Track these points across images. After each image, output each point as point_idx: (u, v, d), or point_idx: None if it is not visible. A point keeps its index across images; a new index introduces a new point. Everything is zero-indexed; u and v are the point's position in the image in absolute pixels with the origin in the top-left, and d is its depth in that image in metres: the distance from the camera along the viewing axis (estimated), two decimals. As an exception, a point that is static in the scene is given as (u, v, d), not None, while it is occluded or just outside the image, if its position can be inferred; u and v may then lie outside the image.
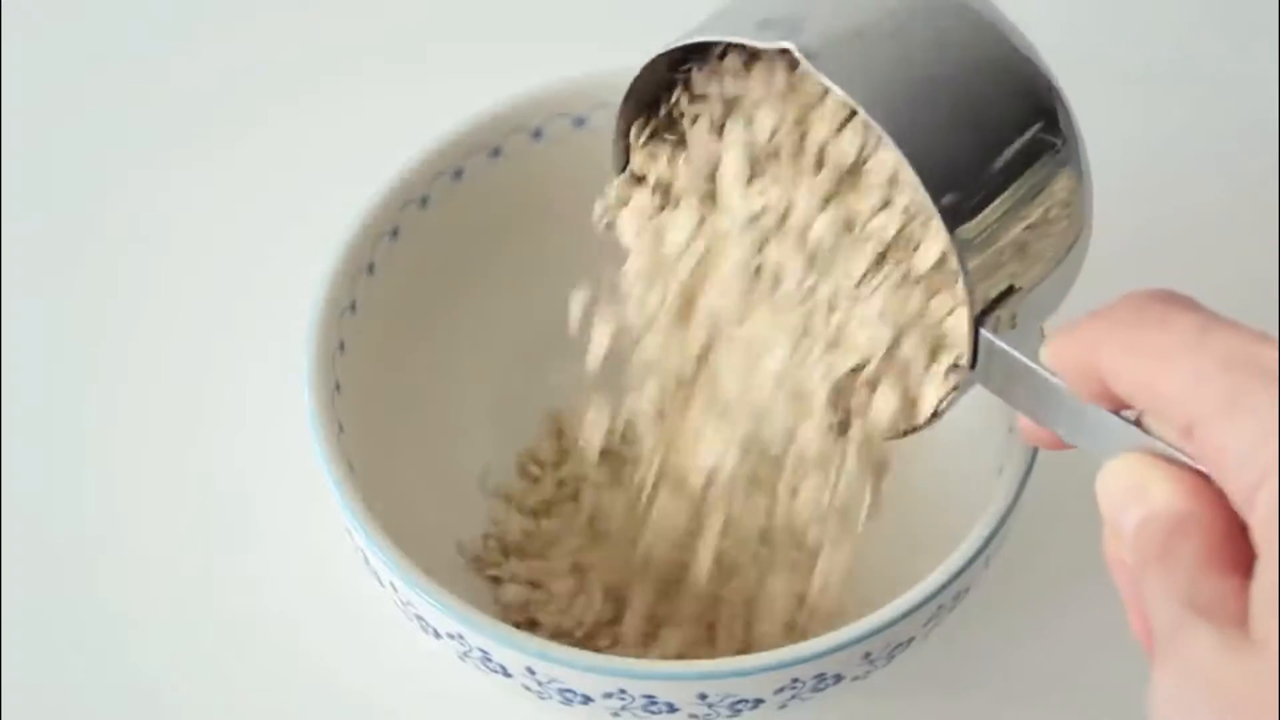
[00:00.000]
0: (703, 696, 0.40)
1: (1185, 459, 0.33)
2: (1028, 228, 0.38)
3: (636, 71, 0.41)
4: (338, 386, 0.44)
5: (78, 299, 0.57)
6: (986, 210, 0.37)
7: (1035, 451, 0.43)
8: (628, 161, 0.43)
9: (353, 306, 0.46)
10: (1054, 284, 0.39)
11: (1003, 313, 0.38)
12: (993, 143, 0.37)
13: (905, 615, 0.40)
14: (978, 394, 0.47)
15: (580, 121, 0.49)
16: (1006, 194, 0.37)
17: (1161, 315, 0.33)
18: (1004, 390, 0.38)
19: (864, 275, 0.40)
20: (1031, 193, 0.38)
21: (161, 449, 0.53)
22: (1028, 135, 0.38)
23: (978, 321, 0.38)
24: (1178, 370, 0.32)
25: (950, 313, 0.39)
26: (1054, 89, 0.38)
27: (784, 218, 0.40)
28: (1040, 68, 0.38)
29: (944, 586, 0.41)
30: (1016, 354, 0.37)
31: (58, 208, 0.58)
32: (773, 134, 0.40)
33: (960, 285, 0.37)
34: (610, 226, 0.43)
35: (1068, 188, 0.38)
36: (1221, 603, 0.30)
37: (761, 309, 0.41)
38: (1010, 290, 0.38)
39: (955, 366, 0.39)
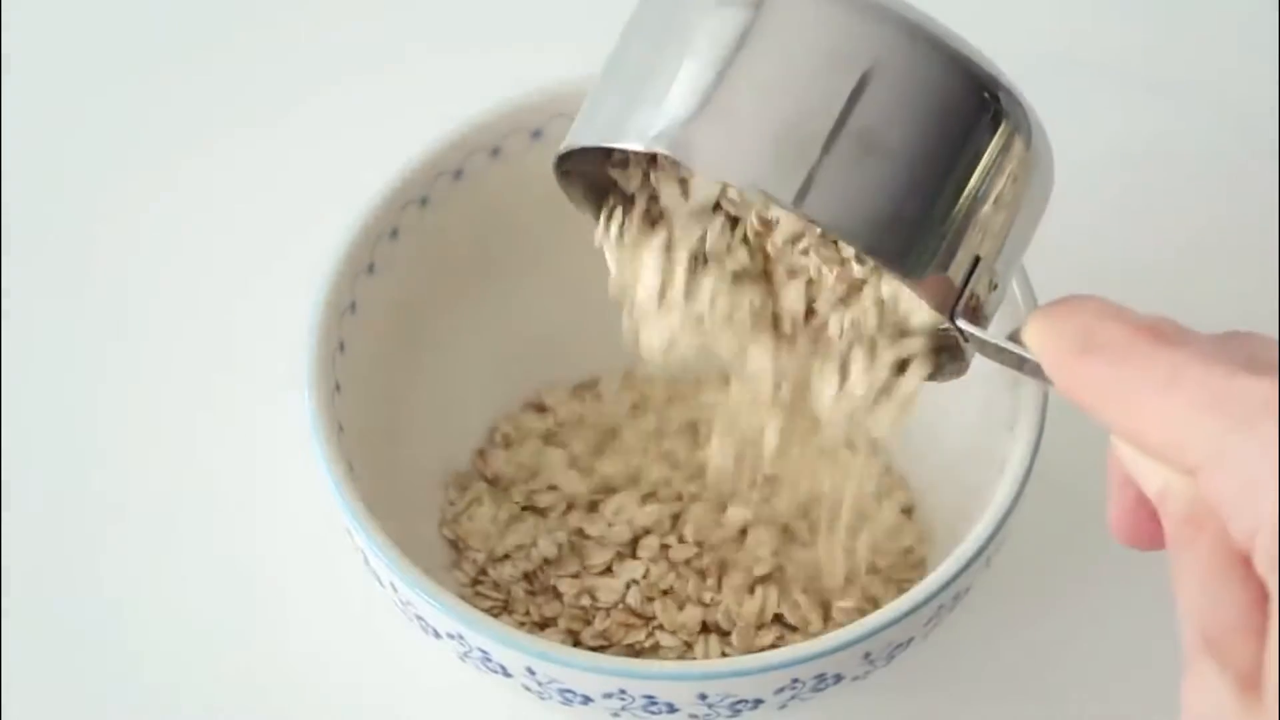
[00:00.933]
0: (703, 696, 0.40)
1: None
2: (984, 210, 0.36)
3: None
4: (338, 386, 0.44)
5: (77, 300, 0.57)
6: (938, 238, 0.36)
7: (1035, 452, 0.43)
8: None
9: (353, 306, 0.46)
10: (1022, 226, 0.38)
11: (978, 287, 0.37)
12: (931, 169, 0.36)
13: (905, 615, 0.40)
14: (978, 395, 0.47)
15: (580, 121, 0.49)
16: (957, 209, 0.36)
17: (1142, 354, 0.32)
18: (998, 359, 0.37)
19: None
20: (983, 186, 0.36)
21: (161, 449, 0.53)
22: (967, 141, 0.36)
23: (951, 313, 0.37)
24: (1155, 418, 0.31)
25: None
26: (981, 70, 0.36)
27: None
28: (956, 51, 0.36)
29: (944, 586, 0.41)
30: (993, 339, 0.37)
31: (59, 209, 0.58)
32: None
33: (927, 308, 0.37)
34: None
35: (1019, 155, 0.36)
36: (1238, 643, 0.29)
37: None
38: (977, 261, 0.37)
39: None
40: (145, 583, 0.51)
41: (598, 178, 0.41)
